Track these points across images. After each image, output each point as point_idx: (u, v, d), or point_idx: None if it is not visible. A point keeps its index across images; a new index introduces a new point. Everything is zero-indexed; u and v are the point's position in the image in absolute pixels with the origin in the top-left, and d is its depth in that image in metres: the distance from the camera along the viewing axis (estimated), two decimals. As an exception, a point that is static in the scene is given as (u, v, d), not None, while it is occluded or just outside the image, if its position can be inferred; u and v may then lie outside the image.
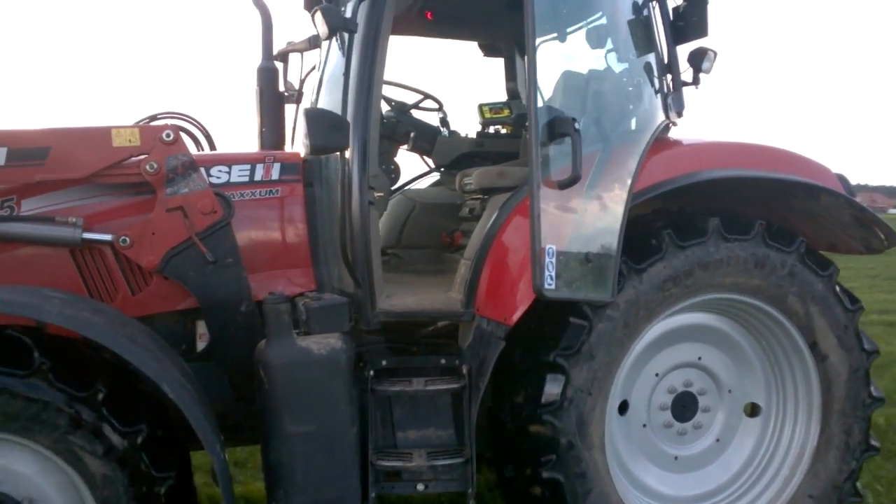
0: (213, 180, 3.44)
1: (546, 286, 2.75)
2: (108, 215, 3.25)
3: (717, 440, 3.64)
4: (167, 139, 3.23)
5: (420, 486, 3.23)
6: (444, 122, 5.16)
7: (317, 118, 2.98)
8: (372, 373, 3.28)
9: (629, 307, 3.09)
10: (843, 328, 3.41)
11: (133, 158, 3.20)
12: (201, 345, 3.41)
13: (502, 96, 5.34)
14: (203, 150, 4.10)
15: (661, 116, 3.43)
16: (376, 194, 3.44)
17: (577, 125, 2.62)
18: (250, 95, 3.98)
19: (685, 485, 3.56)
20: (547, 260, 2.71)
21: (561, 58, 3.57)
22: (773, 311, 3.36)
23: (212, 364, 3.35)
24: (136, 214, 3.25)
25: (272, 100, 3.93)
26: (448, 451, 3.19)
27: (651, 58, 3.52)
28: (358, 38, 3.23)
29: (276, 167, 3.55)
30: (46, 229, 3.13)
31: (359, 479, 3.07)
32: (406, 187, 5.17)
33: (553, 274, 2.74)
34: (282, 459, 2.98)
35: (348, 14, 3.18)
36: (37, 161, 3.09)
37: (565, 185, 2.72)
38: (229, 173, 3.50)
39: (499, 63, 5.35)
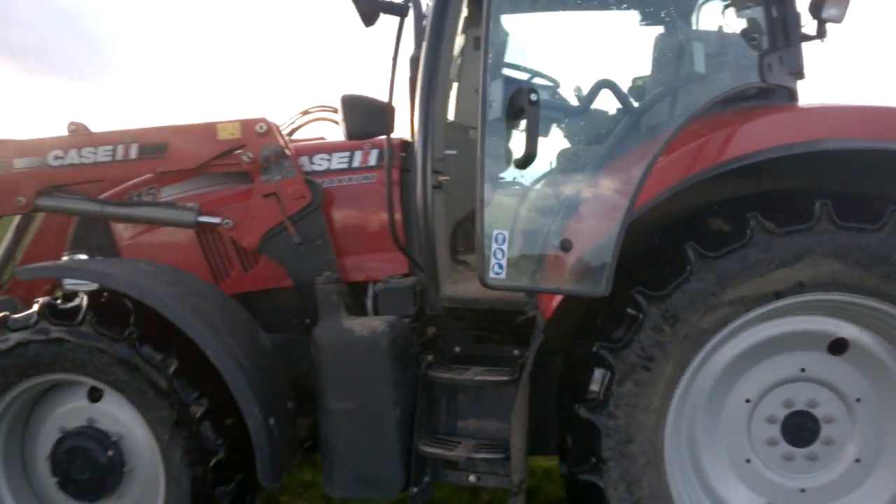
0: (315, 167, 3.68)
1: (492, 275, 2.48)
2: (220, 202, 3.66)
3: (858, 460, 2.93)
4: (261, 131, 3.54)
5: (472, 478, 3.14)
6: None
7: (353, 104, 3.03)
8: (430, 358, 3.25)
9: (691, 302, 2.64)
10: None
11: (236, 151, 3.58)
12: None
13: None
14: None
15: (746, 78, 2.82)
16: (441, 178, 3.38)
17: (532, 97, 2.29)
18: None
19: None
20: (495, 247, 2.44)
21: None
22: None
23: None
24: (239, 200, 3.62)
25: None
26: (491, 445, 3.04)
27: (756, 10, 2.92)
28: (427, 22, 3.21)
29: (374, 154, 3.66)
30: (169, 213, 3.64)
31: (403, 464, 3.09)
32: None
33: (502, 262, 2.46)
34: (327, 434, 3.12)
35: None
36: (158, 155, 3.61)
37: (520, 164, 2.41)
38: (330, 160, 3.70)
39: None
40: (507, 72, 2.95)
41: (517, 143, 2.50)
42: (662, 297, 2.66)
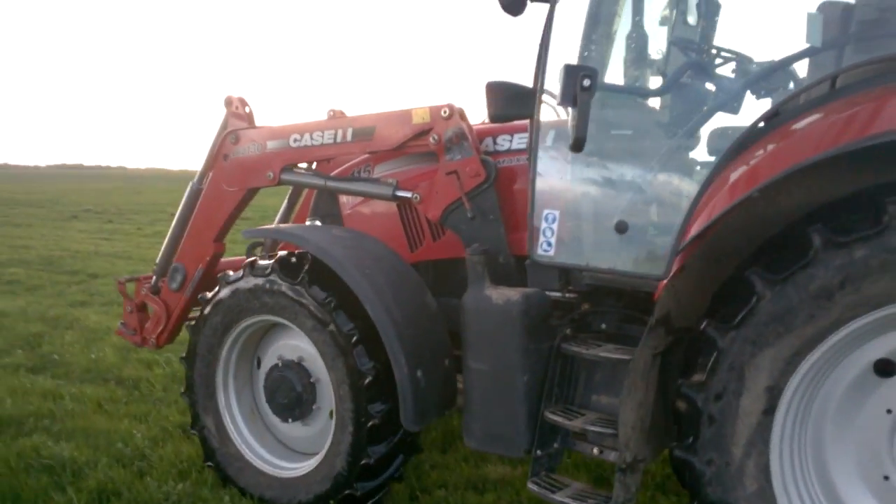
0: (498, 148, 3.99)
1: (540, 252, 2.47)
2: (415, 178, 4.16)
3: None
4: (444, 115, 3.94)
5: (595, 450, 3.23)
6: None
7: (496, 89, 3.26)
8: (569, 331, 3.38)
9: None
10: None
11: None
12: None
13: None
14: None
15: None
16: None
17: (585, 83, 2.24)
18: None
19: None
20: (545, 225, 2.43)
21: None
22: None
23: None
24: (428, 177, 4.08)
25: None
26: (610, 420, 3.08)
27: None
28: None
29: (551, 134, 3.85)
30: (373, 187, 4.25)
31: (529, 427, 3.29)
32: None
33: (551, 241, 2.44)
34: (467, 390, 3.44)
35: None
36: (367, 137, 4.21)
37: (572, 147, 2.36)
38: (511, 141, 3.98)
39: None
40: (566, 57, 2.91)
41: (573, 125, 2.54)
42: (779, 281, 2.49)
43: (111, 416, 5.27)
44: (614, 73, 3.63)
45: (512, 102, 3.27)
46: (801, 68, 2.66)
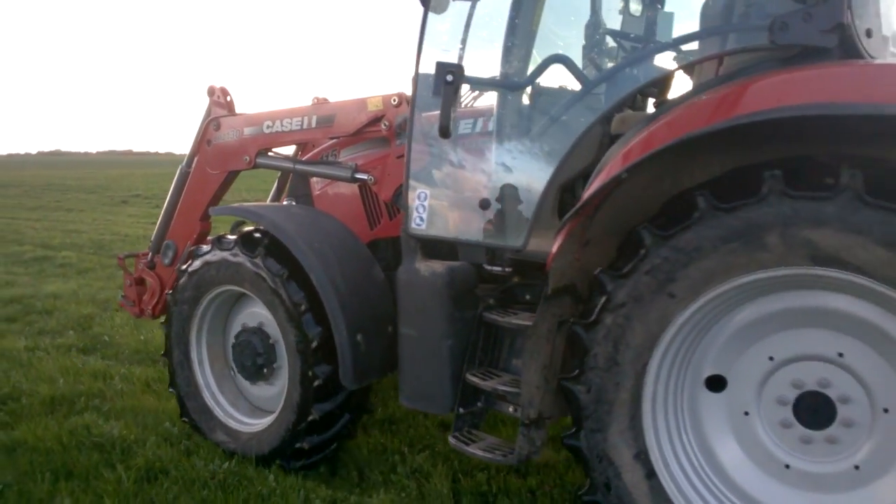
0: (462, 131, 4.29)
1: (414, 225, 2.77)
2: (371, 162, 4.50)
3: (857, 467, 2.69)
4: (394, 103, 4.27)
5: (511, 409, 3.54)
6: None
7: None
8: (491, 301, 3.68)
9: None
10: None
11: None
12: None
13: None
14: None
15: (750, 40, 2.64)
16: None
17: (448, 78, 2.53)
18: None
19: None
20: (417, 203, 2.73)
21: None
22: None
23: None
24: (382, 161, 4.41)
25: None
26: (520, 382, 3.38)
27: None
28: None
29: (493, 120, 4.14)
30: (335, 170, 4.61)
31: (453, 388, 3.60)
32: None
33: (423, 216, 2.74)
34: (399, 353, 3.78)
35: None
36: (329, 124, 4.57)
37: (440, 133, 2.65)
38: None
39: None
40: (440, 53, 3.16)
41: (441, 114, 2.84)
42: (666, 237, 2.73)
43: (159, 396, 5.38)
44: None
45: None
46: (664, 60, 2.91)
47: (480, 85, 3.09)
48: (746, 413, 2.90)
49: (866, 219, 2.38)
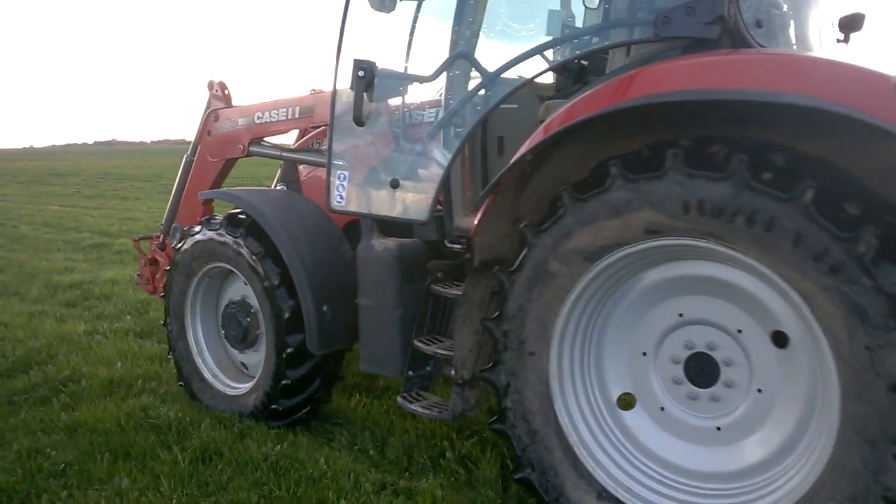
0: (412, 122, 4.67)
1: (335, 202, 3.13)
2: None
3: (760, 391, 2.96)
4: (365, 95, 4.65)
5: (452, 371, 3.91)
6: None
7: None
8: (440, 275, 4.05)
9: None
10: None
11: None
12: None
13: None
14: None
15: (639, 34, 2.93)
16: None
17: (359, 73, 2.88)
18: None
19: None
20: (338, 182, 3.09)
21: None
22: None
23: None
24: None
25: None
26: None
27: None
28: None
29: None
30: (313, 156, 5.03)
31: (402, 354, 4.00)
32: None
33: (343, 194, 3.10)
34: (359, 322, 4.18)
35: None
36: (309, 114, 4.98)
37: (355, 122, 3.01)
38: (422, 116, 4.65)
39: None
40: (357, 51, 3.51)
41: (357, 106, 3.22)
42: (582, 199, 2.99)
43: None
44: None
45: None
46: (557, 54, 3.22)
47: (391, 78, 3.46)
48: (644, 354, 3.22)
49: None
